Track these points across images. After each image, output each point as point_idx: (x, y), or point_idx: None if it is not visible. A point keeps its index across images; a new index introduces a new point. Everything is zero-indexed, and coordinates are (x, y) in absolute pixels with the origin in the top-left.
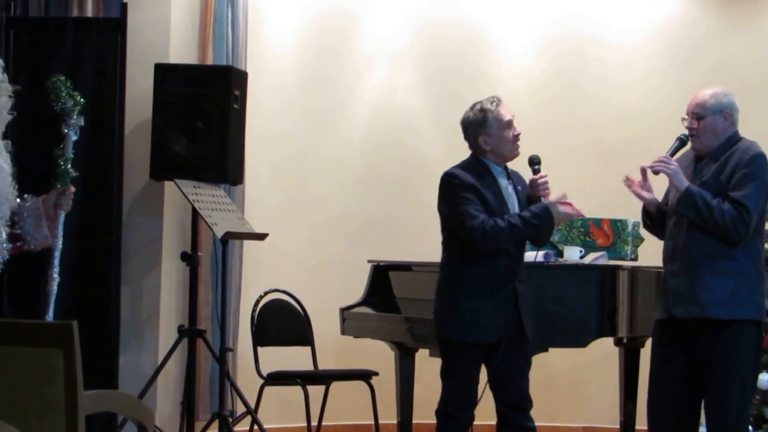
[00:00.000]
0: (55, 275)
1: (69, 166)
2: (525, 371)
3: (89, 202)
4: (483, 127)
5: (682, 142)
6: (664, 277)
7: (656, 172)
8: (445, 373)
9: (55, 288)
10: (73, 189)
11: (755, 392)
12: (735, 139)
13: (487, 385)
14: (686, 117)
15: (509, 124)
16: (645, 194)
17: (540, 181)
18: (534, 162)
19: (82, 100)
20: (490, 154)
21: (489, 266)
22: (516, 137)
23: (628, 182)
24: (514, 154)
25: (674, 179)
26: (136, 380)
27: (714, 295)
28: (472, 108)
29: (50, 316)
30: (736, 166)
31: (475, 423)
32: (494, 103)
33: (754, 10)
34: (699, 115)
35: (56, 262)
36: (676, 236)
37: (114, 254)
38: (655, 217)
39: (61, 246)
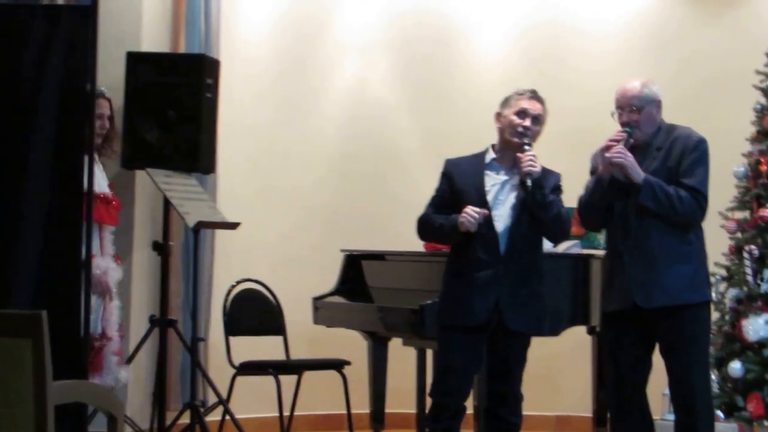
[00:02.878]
0: None
1: None
2: (515, 365)
3: (59, 190)
4: (503, 106)
5: (629, 134)
6: (617, 267)
7: (613, 164)
8: None
9: None
10: None
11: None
12: (668, 125)
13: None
14: (619, 111)
15: (522, 111)
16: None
17: (525, 157)
18: (524, 143)
19: None
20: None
21: (462, 251)
22: (525, 128)
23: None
24: (512, 140)
25: (631, 170)
26: None
27: (679, 282)
28: None
29: None
30: (683, 152)
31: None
32: (525, 93)
33: (726, 3)
34: (637, 106)
35: None
36: (629, 225)
37: (84, 244)
38: (604, 196)
39: None
